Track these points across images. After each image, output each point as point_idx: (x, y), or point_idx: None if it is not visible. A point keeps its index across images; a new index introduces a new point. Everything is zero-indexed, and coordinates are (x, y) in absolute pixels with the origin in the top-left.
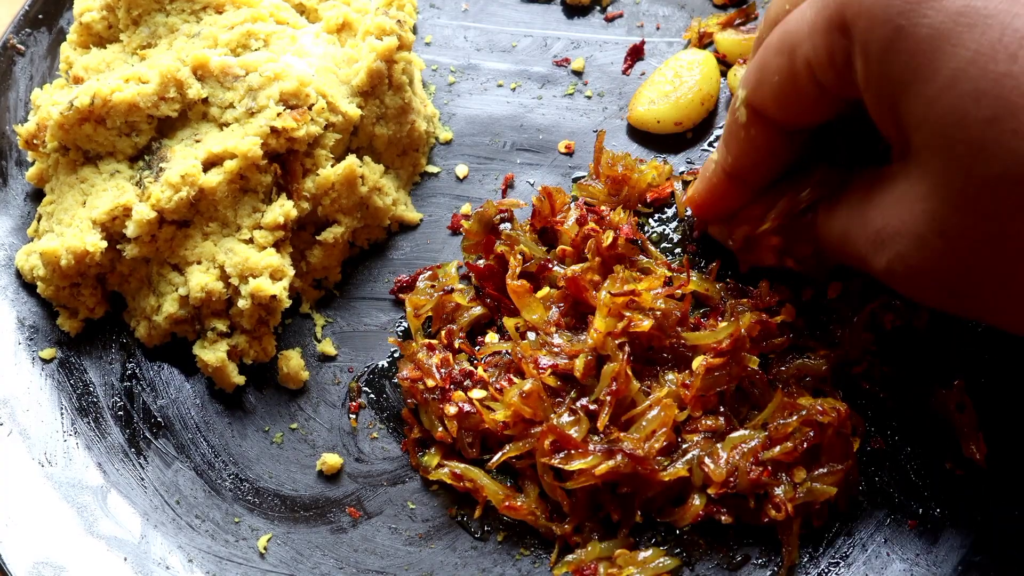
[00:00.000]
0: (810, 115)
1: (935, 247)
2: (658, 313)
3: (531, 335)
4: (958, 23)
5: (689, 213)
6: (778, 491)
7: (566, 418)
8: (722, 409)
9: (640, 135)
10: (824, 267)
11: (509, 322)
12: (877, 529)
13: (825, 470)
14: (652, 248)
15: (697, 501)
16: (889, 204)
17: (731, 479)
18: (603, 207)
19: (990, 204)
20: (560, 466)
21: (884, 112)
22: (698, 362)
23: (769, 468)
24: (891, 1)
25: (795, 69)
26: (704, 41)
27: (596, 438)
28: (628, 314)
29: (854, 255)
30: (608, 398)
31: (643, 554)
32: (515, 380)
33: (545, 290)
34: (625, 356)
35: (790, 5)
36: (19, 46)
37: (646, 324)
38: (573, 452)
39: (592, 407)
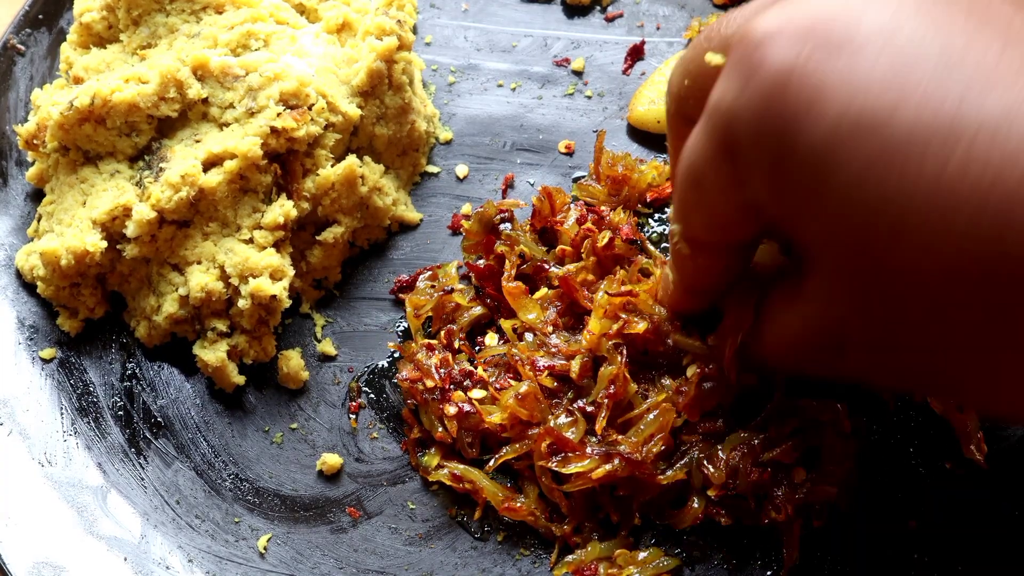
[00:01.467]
0: (742, 232)
1: (882, 352)
2: (655, 317)
3: (528, 336)
4: (836, 136)
5: None
6: (778, 492)
7: (563, 419)
8: (725, 405)
9: (640, 135)
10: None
11: (506, 324)
12: (877, 529)
13: (825, 470)
14: (652, 248)
15: (696, 503)
16: (825, 315)
17: (731, 481)
18: (603, 207)
19: (915, 313)
20: (557, 469)
21: (789, 229)
22: (692, 371)
23: (769, 469)
24: (765, 123)
25: (708, 198)
26: None
27: (594, 440)
28: (624, 316)
29: (817, 364)
30: (606, 400)
31: (643, 554)
32: (514, 381)
33: (543, 291)
34: (623, 359)
35: (689, 81)
36: (19, 46)
37: (641, 326)
38: (570, 455)
39: (589, 409)
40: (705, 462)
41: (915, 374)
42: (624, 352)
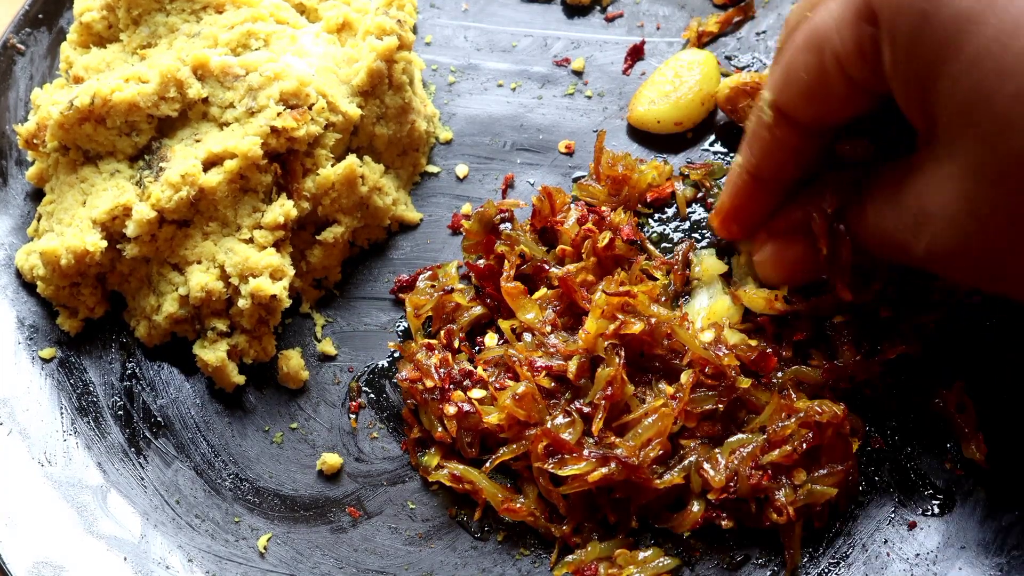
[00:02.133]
0: (839, 112)
1: (970, 227)
2: (652, 319)
3: (527, 336)
4: (980, 3)
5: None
6: (779, 494)
7: (561, 420)
8: (719, 412)
9: (640, 135)
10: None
11: (505, 324)
12: (877, 529)
13: (825, 471)
14: (652, 248)
15: (696, 508)
16: (921, 189)
17: (731, 484)
18: (603, 207)
19: (1020, 179)
20: (553, 471)
21: (912, 98)
22: (686, 376)
23: (769, 472)
24: None
25: (824, 65)
26: (703, 40)
27: (591, 442)
28: (621, 317)
29: (894, 245)
30: (602, 402)
31: (643, 554)
32: (512, 381)
33: (542, 291)
34: (621, 361)
35: (811, 8)
36: (19, 46)
37: (637, 327)
38: (567, 457)
39: (586, 410)
40: (705, 465)
41: (997, 258)
42: (622, 354)
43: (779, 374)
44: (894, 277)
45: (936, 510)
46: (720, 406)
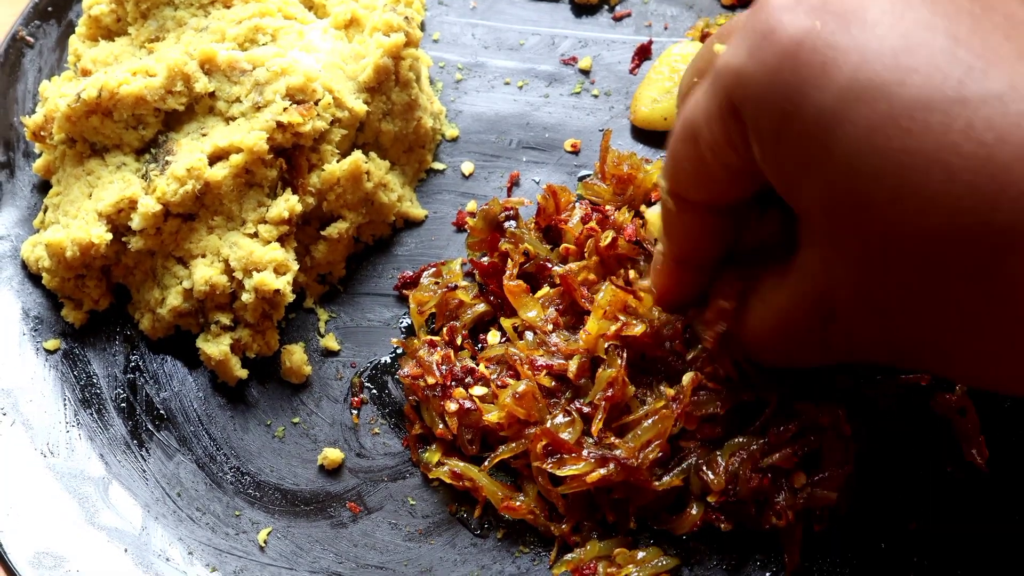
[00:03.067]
0: (729, 194)
1: (879, 321)
2: (654, 321)
3: (528, 335)
4: (844, 100)
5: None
6: (779, 498)
7: (560, 419)
8: (720, 413)
9: (645, 135)
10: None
11: (506, 322)
12: (877, 531)
13: (825, 475)
14: (653, 248)
15: (695, 510)
16: (818, 285)
17: (731, 487)
18: (608, 207)
19: (910, 278)
20: (551, 471)
21: (787, 193)
22: (687, 378)
23: (769, 475)
24: (775, 84)
25: (701, 155)
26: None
27: (590, 442)
28: (623, 318)
29: (797, 339)
30: (603, 403)
31: (642, 553)
32: (514, 379)
33: (544, 289)
34: (623, 363)
35: (698, 75)
36: (28, 38)
37: (639, 329)
38: (565, 457)
39: (586, 410)
40: (704, 468)
41: (905, 343)
42: (624, 355)
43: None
44: None
45: (936, 513)
46: (721, 410)
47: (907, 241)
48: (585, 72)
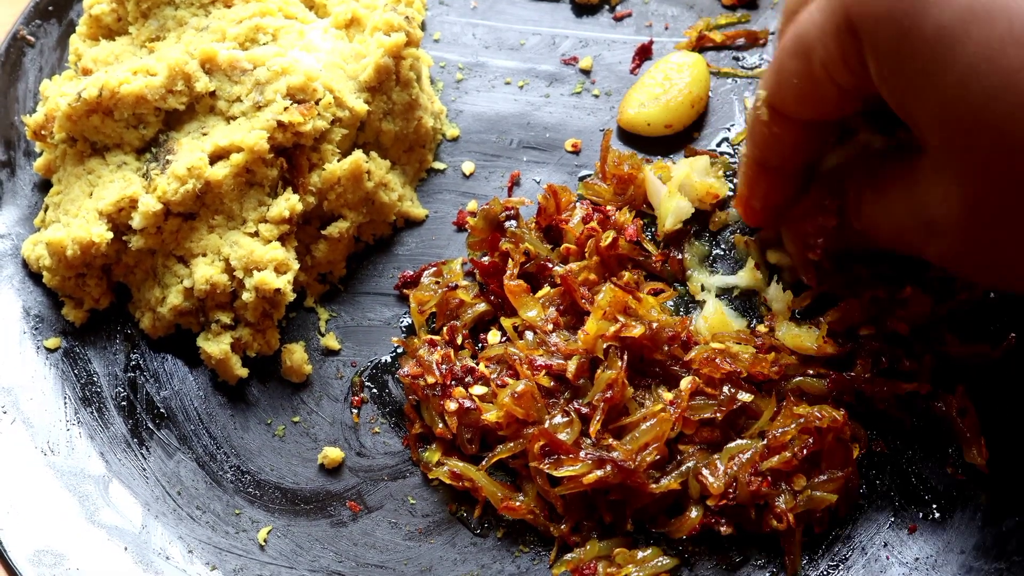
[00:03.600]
0: (832, 112)
1: (975, 234)
2: (653, 324)
3: (528, 334)
4: (964, 19)
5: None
6: (778, 501)
7: (559, 419)
8: (718, 419)
9: (629, 137)
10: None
11: (507, 322)
12: (877, 532)
13: (825, 477)
14: (653, 249)
15: (695, 513)
16: (924, 198)
17: (730, 490)
18: (609, 207)
19: (1017, 192)
20: (549, 471)
21: (903, 109)
22: (686, 382)
23: (768, 478)
24: (895, 1)
25: (812, 71)
26: (702, 44)
27: (588, 443)
28: (622, 319)
29: (905, 243)
30: (601, 404)
31: (642, 553)
32: (513, 379)
33: (545, 289)
34: (623, 364)
35: None
36: (29, 37)
37: (637, 331)
38: (563, 457)
39: (585, 410)
40: (703, 471)
41: (1003, 259)
42: (625, 357)
43: (782, 383)
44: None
45: (936, 515)
46: (719, 415)
47: (1020, 157)
48: (586, 72)
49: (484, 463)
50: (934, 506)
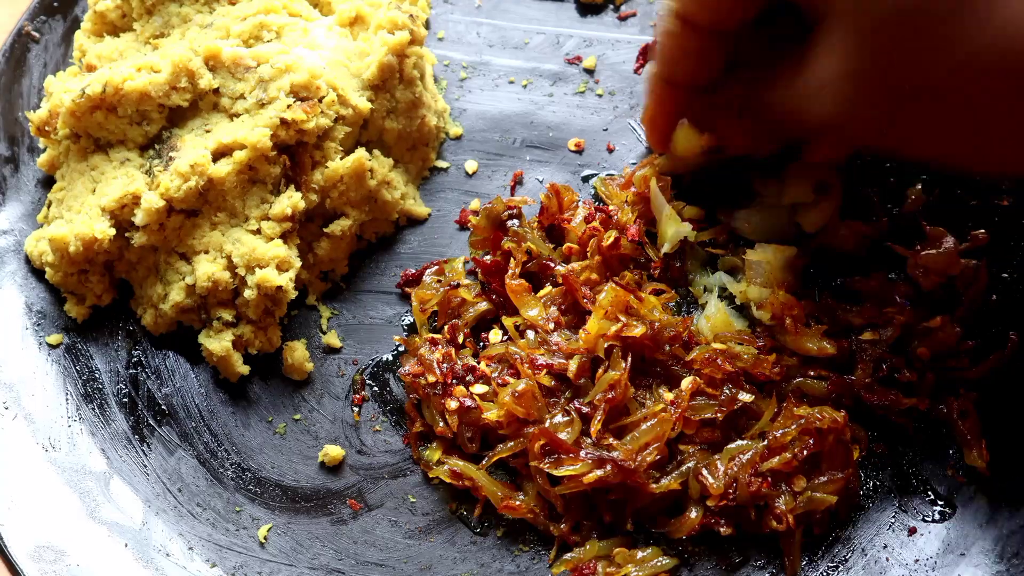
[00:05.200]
0: (735, 11)
1: (859, 86)
2: (655, 324)
3: (530, 334)
4: None
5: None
6: (778, 502)
7: (560, 418)
8: (719, 419)
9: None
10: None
11: (508, 321)
12: (877, 534)
13: (825, 478)
14: (653, 249)
15: (695, 514)
16: (815, 64)
17: (730, 491)
18: (611, 207)
19: (889, 36)
20: (549, 471)
21: None
22: (687, 382)
23: (769, 479)
24: None
25: None
26: None
27: (588, 442)
28: (623, 319)
29: (799, 114)
30: (602, 404)
31: (641, 553)
32: (514, 378)
33: (547, 289)
34: (626, 365)
35: None
36: (34, 33)
37: (639, 331)
38: (563, 457)
39: (585, 410)
40: (704, 472)
41: (907, 126)
42: (629, 359)
43: (783, 384)
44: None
45: (937, 516)
46: (720, 415)
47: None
48: (590, 71)
49: (484, 462)
50: (934, 508)
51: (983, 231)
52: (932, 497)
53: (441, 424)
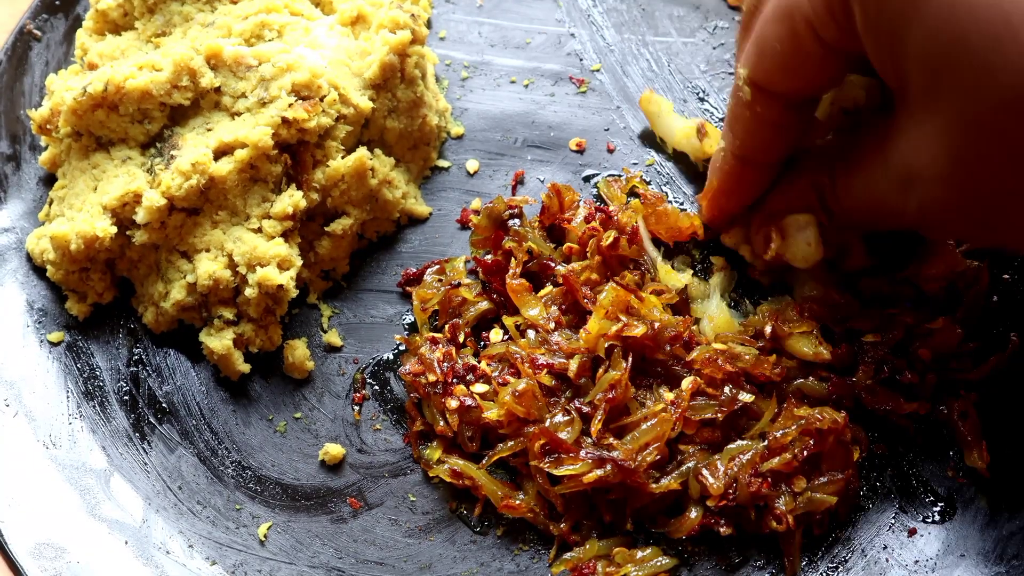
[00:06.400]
0: (815, 79)
1: (959, 180)
2: (655, 324)
3: (531, 333)
4: None
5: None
6: (778, 502)
7: (560, 418)
8: (719, 419)
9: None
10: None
11: (509, 320)
12: (877, 535)
13: (825, 479)
14: (653, 249)
15: (694, 514)
16: (905, 149)
17: (730, 491)
18: (611, 207)
19: (1005, 127)
20: (549, 470)
21: (885, 55)
22: (687, 382)
23: (769, 479)
24: None
25: (796, 32)
26: None
27: (588, 442)
28: (624, 319)
29: (885, 210)
30: (603, 404)
31: (641, 552)
32: (515, 378)
33: (547, 288)
34: (627, 366)
35: None
36: (35, 32)
37: (639, 330)
38: (563, 456)
39: (586, 409)
40: (704, 472)
41: (982, 212)
42: (630, 359)
43: (784, 385)
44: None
45: (937, 517)
46: (720, 415)
47: (1006, 85)
48: (592, 71)
49: (485, 461)
50: (934, 509)
51: None
52: (932, 498)
53: (441, 423)
